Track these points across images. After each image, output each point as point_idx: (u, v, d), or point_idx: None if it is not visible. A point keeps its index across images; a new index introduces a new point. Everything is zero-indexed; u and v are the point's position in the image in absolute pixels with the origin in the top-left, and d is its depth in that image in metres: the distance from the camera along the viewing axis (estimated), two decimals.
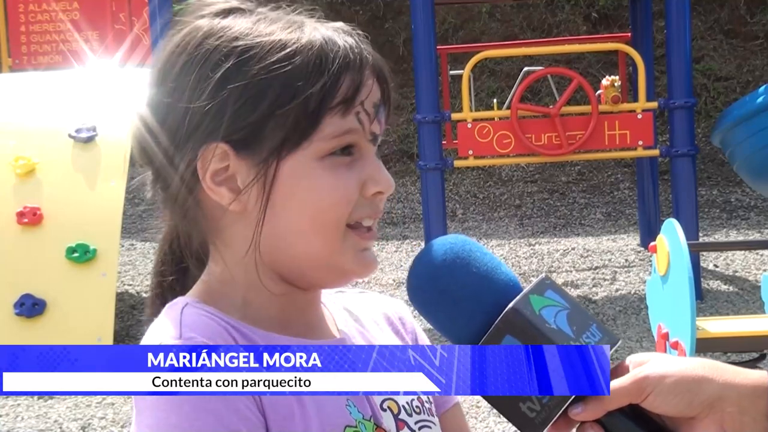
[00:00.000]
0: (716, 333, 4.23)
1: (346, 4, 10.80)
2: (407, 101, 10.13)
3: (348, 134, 1.01)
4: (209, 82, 1.01)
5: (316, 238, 1.02)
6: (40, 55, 7.95)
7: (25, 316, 5.31)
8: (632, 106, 6.07)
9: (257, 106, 1.00)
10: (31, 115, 5.91)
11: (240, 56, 1.01)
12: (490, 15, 10.65)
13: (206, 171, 1.02)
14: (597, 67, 9.88)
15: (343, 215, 1.01)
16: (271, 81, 1.00)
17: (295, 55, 1.00)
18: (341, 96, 1.00)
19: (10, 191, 5.61)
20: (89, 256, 5.36)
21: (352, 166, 1.02)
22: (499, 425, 4.36)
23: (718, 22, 10.41)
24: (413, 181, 9.15)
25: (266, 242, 1.03)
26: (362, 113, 1.02)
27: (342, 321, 1.13)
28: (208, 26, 1.04)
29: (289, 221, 1.01)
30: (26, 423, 4.67)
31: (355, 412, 1.04)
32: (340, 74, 1.00)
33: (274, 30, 1.03)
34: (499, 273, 1.02)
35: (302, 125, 1.00)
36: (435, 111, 6.10)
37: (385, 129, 1.07)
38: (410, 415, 1.10)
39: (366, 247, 1.05)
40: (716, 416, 0.94)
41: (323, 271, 1.04)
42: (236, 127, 1.00)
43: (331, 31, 1.04)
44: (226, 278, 1.05)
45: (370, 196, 1.03)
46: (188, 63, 1.03)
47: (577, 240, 7.58)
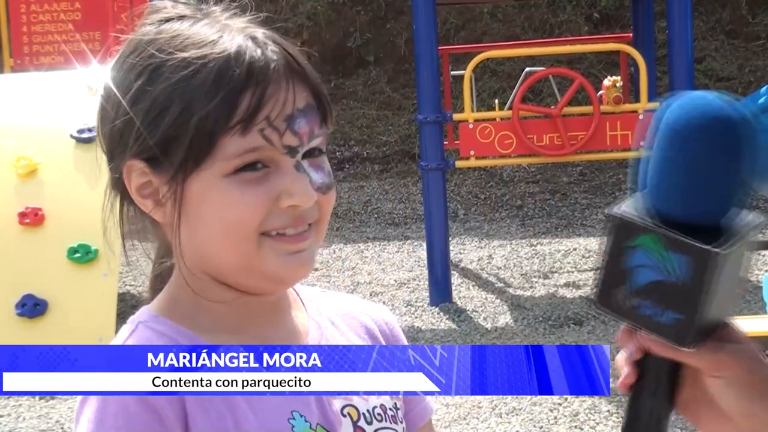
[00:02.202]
0: None
1: (348, 4, 10.80)
2: (409, 101, 10.12)
3: (252, 152, 1.00)
4: (126, 99, 1.03)
5: (228, 249, 1.02)
6: (42, 55, 7.96)
7: (26, 317, 5.31)
8: (634, 107, 6.07)
9: (159, 126, 1.01)
10: (32, 116, 5.91)
11: (150, 75, 1.02)
12: (492, 15, 10.65)
13: (132, 185, 1.05)
14: (599, 67, 9.87)
15: (251, 228, 1.01)
16: (172, 101, 1.00)
17: (195, 74, 1.00)
18: (240, 115, 0.99)
19: (12, 191, 5.61)
20: (91, 256, 5.36)
21: (264, 180, 1.01)
22: (501, 426, 4.36)
23: (719, 23, 10.41)
24: (414, 182, 9.15)
25: (193, 253, 1.05)
26: (268, 129, 1.00)
27: (316, 326, 1.12)
28: (143, 37, 1.05)
29: (203, 234, 1.03)
30: (28, 423, 4.67)
31: (299, 424, 1.03)
32: (238, 93, 0.99)
33: (189, 44, 1.02)
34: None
35: (199, 146, 1.00)
36: (436, 111, 6.10)
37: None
38: (370, 423, 1.08)
39: (294, 250, 1.03)
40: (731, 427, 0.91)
41: (248, 277, 1.04)
42: (146, 145, 1.02)
43: (245, 41, 1.02)
44: (181, 284, 1.07)
45: (285, 208, 1.02)
46: (115, 78, 1.06)
47: (578, 240, 7.58)
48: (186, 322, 1.05)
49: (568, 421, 4.34)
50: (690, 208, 0.87)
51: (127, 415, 0.97)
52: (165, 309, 1.07)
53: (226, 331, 1.06)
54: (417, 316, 5.96)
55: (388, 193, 9.17)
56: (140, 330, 1.04)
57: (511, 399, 4.52)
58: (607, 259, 0.92)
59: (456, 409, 4.52)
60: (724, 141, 0.86)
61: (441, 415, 4.47)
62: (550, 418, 4.38)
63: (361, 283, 6.64)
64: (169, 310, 1.07)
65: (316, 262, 1.08)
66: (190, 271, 1.05)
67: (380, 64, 10.64)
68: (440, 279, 6.16)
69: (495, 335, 5.59)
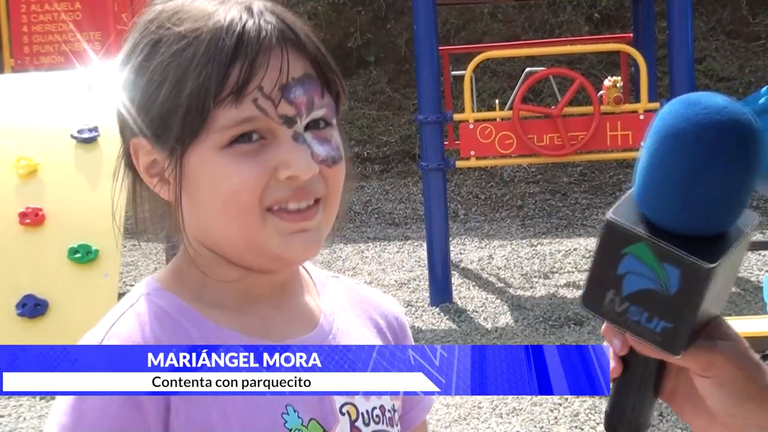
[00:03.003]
0: None
1: (348, 5, 10.80)
2: (409, 101, 10.12)
3: (245, 123, 0.99)
4: (128, 76, 1.04)
5: (230, 224, 1.01)
6: (42, 55, 7.96)
7: (27, 317, 5.31)
8: (634, 107, 6.07)
9: (155, 101, 1.01)
10: (33, 116, 5.91)
11: (149, 51, 1.03)
12: (492, 15, 10.65)
13: (140, 164, 1.05)
14: (599, 67, 9.87)
15: (251, 201, 1.00)
16: (167, 75, 1.00)
17: (188, 47, 1.00)
18: (231, 85, 0.98)
19: (12, 192, 5.62)
20: (91, 256, 5.36)
21: (260, 151, 1.00)
22: (501, 426, 4.36)
23: (720, 23, 10.41)
24: (415, 182, 9.15)
25: (196, 229, 1.04)
26: (261, 99, 0.99)
27: (328, 313, 1.11)
28: (148, 15, 1.06)
29: (203, 209, 1.02)
30: (28, 423, 4.67)
31: (292, 419, 1.02)
32: (228, 63, 0.98)
33: (186, 18, 1.02)
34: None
35: (194, 119, 0.99)
36: (437, 111, 6.10)
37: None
38: (367, 424, 1.08)
39: (297, 230, 1.02)
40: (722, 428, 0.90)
41: (251, 254, 1.03)
42: (146, 121, 1.02)
43: (240, 13, 1.01)
44: (187, 259, 1.06)
45: (284, 180, 1.00)
46: (122, 55, 1.06)
47: (579, 241, 7.58)
48: (190, 298, 1.05)
49: (569, 422, 4.34)
50: (689, 223, 0.83)
51: (107, 404, 0.97)
52: (170, 282, 1.06)
53: (230, 309, 1.05)
54: (417, 317, 5.96)
55: (388, 193, 9.17)
56: (141, 303, 1.04)
57: (512, 399, 4.52)
58: (597, 262, 0.90)
59: (456, 409, 4.51)
60: (735, 148, 0.78)
61: (441, 415, 4.47)
62: (551, 419, 4.38)
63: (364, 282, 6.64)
64: (174, 283, 1.06)
65: (316, 262, 1.07)
66: (195, 248, 1.05)
67: (381, 64, 10.64)
68: (440, 279, 6.16)
69: (495, 335, 5.59)
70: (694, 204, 0.81)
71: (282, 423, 1.01)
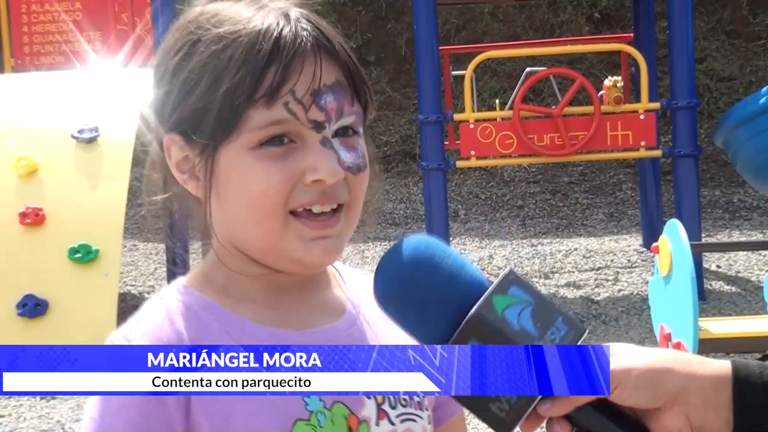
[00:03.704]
0: (719, 334, 4.23)
1: (349, 5, 10.80)
2: (409, 101, 10.12)
3: (276, 125, 1.02)
4: (165, 75, 1.06)
5: (255, 225, 1.04)
6: (43, 55, 7.96)
7: (27, 317, 5.31)
8: (635, 107, 6.07)
9: (191, 99, 1.03)
10: (33, 116, 5.91)
11: (188, 50, 1.05)
12: (493, 15, 10.65)
13: (172, 160, 1.07)
14: (599, 67, 9.87)
15: (277, 203, 1.02)
16: (204, 74, 1.03)
17: (225, 49, 1.02)
18: (265, 88, 1.01)
19: (13, 192, 5.62)
20: (91, 256, 5.36)
21: (289, 155, 1.02)
22: None
23: (720, 23, 10.41)
24: (415, 182, 9.15)
25: (223, 228, 1.07)
26: (292, 102, 1.02)
27: (353, 304, 1.13)
28: (187, 16, 1.08)
29: (232, 209, 1.05)
30: (29, 423, 4.67)
31: (313, 402, 1.04)
32: (263, 66, 1.01)
33: (225, 21, 1.05)
34: (463, 275, 1.00)
35: (227, 118, 1.02)
36: (437, 111, 6.10)
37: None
38: (394, 407, 1.09)
39: (318, 236, 1.04)
40: (681, 408, 0.95)
41: (273, 256, 1.06)
42: (181, 118, 1.05)
43: (277, 18, 1.04)
44: (214, 257, 1.09)
45: (311, 183, 1.03)
46: (160, 54, 1.09)
47: (579, 240, 7.58)
48: (215, 294, 1.08)
49: None
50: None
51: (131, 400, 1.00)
52: (196, 281, 1.10)
53: (255, 302, 1.08)
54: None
55: (388, 193, 9.17)
56: (167, 299, 1.07)
57: None
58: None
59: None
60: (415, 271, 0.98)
61: None
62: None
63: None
64: (201, 282, 1.09)
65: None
66: (222, 244, 1.07)
67: (381, 64, 10.64)
68: None
69: None
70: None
71: (303, 405, 1.03)
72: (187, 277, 1.11)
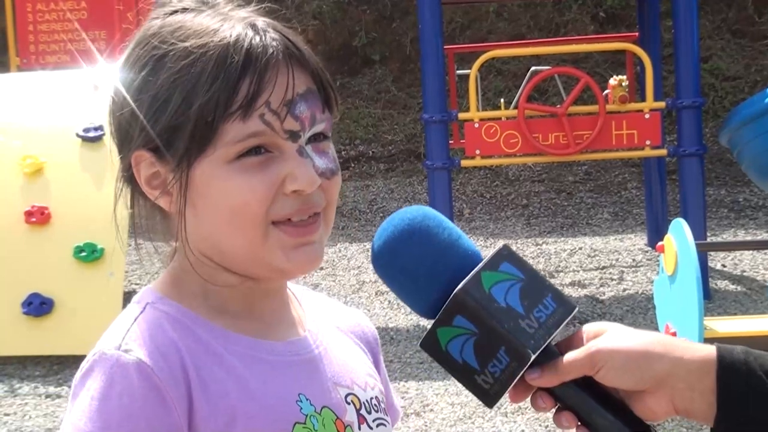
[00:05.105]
0: (724, 333, 4.22)
1: (353, 4, 10.79)
2: (414, 101, 10.12)
3: (253, 137, 1.02)
4: (131, 91, 1.05)
5: (235, 237, 1.04)
6: (48, 54, 7.96)
7: (32, 315, 5.32)
8: (640, 106, 6.06)
9: (162, 115, 1.03)
10: (38, 115, 5.92)
11: (153, 66, 1.04)
12: (498, 14, 10.64)
13: (140, 176, 1.06)
14: (604, 66, 9.86)
15: (258, 214, 1.02)
16: (174, 90, 1.02)
17: (195, 63, 1.02)
18: (240, 101, 1.01)
19: (18, 190, 5.63)
20: (97, 255, 5.37)
21: (267, 165, 1.03)
22: (506, 425, 4.36)
23: (725, 22, 10.39)
24: (420, 181, 9.14)
25: (199, 240, 1.06)
26: (268, 114, 1.02)
27: (311, 319, 1.16)
28: (148, 30, 1.07)
29: (210, 221, 1.04)
30: (34, 422, 4.68)
31: (306, 406, 1.05)
32: (236, 79, 1.01)
33: (191, 34, 1.04)
34: (457, 247, 1.03)
35: (202, 133, 1.01)
36: (442, 110, 6.10)
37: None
38: (369, 412, 1.12)
39: (300, 243, 1.05)
40: (666, 391, 0.97)
41: (254, 266, 1.06)
42: (151, 135, 1.04)
43: (245, 29, 1.03)
44: (186, 268, 1.08)
45: (290, 193, 1.03)
46: (122, 71, 1.08)
47: (584, 240, 7.57)
48: (191, 304, 1.07)
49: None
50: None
51: (132, 393, 0.98)
52: (170, 291, 1.08)
53: (231, 313, 1.08)
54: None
55: (393, 192, 9.16)
56: (148, 310, 1.06)
57: None
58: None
59: (461, 408, 4.52)
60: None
61: (446, 414, 4.47)
62: None
63: (366, 282, 6.64)
64: (174, 292, 1.08)
65: (322, 261, 1.09)
66: (197, 256, 1.07)
67: (386, 63, 10.64)
68: None
69: None
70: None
71: (298, 409, 1.04)
72: (157, 287, 1.10)
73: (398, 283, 1.03)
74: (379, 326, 5.72)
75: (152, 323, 1.04)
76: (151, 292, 1.09)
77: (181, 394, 0.99)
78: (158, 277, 1.12)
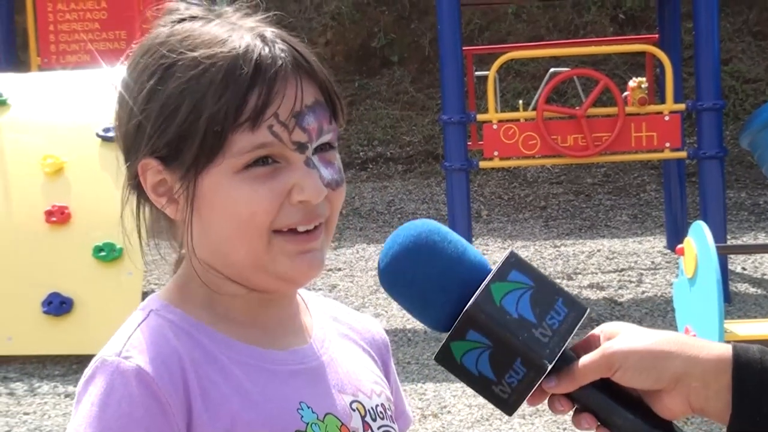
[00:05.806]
0: (744, 336, 4.20)
1: (372, 5, 10.80)
2: (433, 102, 10.12)
3: (261, 148, 1.02)
4: (139, 99, 1.05)
5: (240, 246, 1.04)
6: (69, 54, 8.00)
7: (52, 315, 5.35)
8: (659, 108, 6.04)
9: (171, 125, 1.03)
10: (59, 114, 5.95)
11: (161, 75, 1.04)
12: (516, 16, 10.62)
13: (147, 184, 1.07)
14: (624, 68, 9.83)
15: (263, 224, 1.03)
16: (183, 99, 1.02)
17: (204, 73, 1.02)
18: (248, 112, 1.01)
19: (39, 190, 5.66)
20: (116, 255, 5.39)
21: (274, 176, 1.03)
22: (524, 427, 4.35)
23: (746, 24, 10.33)
24: (438, 182, 9.14)
25: (205, 249, 1.07)
26: (276, 125, 1.02)
27: (319, 326, 1.16)
28: (156, 38, 1.07)
29: (216, 230, 1.05)
30: (53, 421, 4.70)
31: (307, 414, 1.05)
32: (246, 90, 1.01)
33: (199, 44, 1.04)
34: (464, 260, 1.02)
35: (210, 143, 1.02)
36: (460, 112, 6.09)
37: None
38: (374, 419, 1.12)
39: (302, 251, 1.05)
40: (682, 390, 0.97)
41: (258, 275, 1.06)
42: (159, 144, 1.04)
43: (254, 40, 1.04)
44: (192, 276, 1.09)
45: (297, 203, 1.04)
46: (128, 79, 1.08)
47: (602, 242, 7.55)
48: (196, 313, 1.07)
49: None
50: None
51: (131, 400, 0.99)
52: (175, 299, 1.09)
53: (236, 322, 1.08)
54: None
55: (411, 193, 9.16)
56: (152, 318, 1.06)
57: None
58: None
59: (479, 410, 4.51)
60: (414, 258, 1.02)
61: (464, 416, 4.47)
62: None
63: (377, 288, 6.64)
64: (180, 299, 1.09)
65: (340, 262, 1.09)
66: (202, 265, 1.07)
67: (404, 64, 10.64)
68: None
69: None
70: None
71: (299, 418, 1.04)
72: (163, 294, 1.10)
73: (407, 299, 1.03)
74: (396, 328, 5.72)
75: (154, 330, 1.04)
76: (156, 299, 1.10)
77: (180, 402, 1.00)
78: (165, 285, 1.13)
